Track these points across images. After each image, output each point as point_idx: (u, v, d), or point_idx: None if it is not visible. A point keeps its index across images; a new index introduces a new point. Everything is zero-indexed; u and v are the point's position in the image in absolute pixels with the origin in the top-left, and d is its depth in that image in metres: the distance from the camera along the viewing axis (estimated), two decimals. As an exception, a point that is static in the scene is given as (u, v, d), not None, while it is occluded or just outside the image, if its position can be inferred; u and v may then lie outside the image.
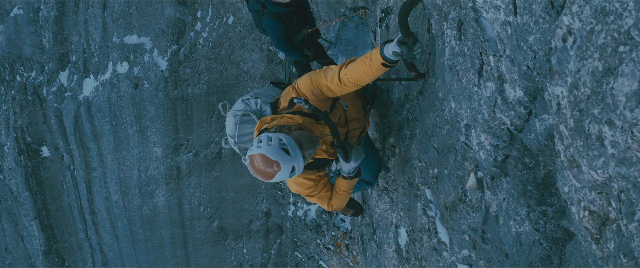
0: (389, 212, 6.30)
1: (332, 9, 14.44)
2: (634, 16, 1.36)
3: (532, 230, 2.71)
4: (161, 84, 21.36)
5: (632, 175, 1.54)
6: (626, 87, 1.44)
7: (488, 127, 2.76)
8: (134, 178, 24.11)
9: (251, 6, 7.78)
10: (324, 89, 3.89)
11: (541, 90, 2.19)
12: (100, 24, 21.49)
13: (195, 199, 24.40)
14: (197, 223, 25.04)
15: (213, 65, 21.30)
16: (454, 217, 4.06)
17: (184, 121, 22.41)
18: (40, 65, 22.32)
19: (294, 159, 3.49)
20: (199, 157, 23.28)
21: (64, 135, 23.66)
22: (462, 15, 2.70)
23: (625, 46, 1.43)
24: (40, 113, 23.13)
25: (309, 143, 3.68)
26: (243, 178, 23.19)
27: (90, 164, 24.39)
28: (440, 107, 3.89)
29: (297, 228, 14.93)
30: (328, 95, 3.97)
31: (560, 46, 1.80)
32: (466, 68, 2.82)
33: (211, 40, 20.98)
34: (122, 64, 21.76)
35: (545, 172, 2.49)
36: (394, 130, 5.57)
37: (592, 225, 1.92)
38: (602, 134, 1.62)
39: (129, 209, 25.08)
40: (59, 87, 22.57)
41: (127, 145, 23.43)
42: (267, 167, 3.47)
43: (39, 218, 25.51)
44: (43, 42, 21.99)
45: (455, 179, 3.86)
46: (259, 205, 23.98)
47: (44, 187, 24.96)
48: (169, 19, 20.75)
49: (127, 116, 22.52)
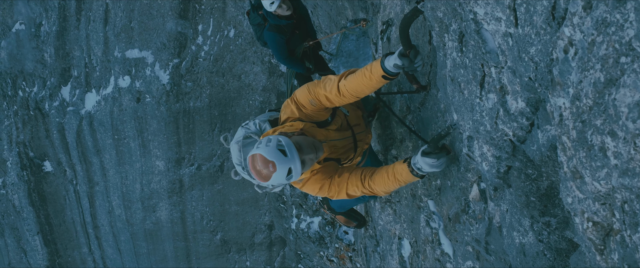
0: (392, 223, 6.29)
1: (333, 21, 14.48)
2: (635, 27, 1.36)
3: (536, 241, 2.71)
4: (163, 98, 21.41)
5: (635, 186, 1.54)
6: (628, 98, 1.44)
7: (490, 139, 2.76)
8: (136, 192, 24.14)
9: (252, 19, 7.79)
10: (322, 99, 3.89)
11: (543, 102, 2.20)
12: (101, 39, 21.58)
13: (198, 212, 24.41)
14: (200, 236, 25.04)
15: (215, 78, 21.36)
16: (458, 229, 4.06)
17: (186, 134, 22.45)
18: (42, 80, 22.40)
19: (291, 161, 3.48)
20: (201, 170, 23.31)
21: (67, 150, 23.70)
22: (463, 27, 2.71)
23: (626, 57, 1.43)
24: (42, 128, 23.19)
25: (310, 148, 3.67)
26: (246, 191, 23.21)
27: (92, 178, 24.42)
28: (442, 118, 3.89)
29: (300, 240, 14.90)
30: (326, 105, 3.97)
31: (562, 57, 1.80)
32: (468, 80, 2.83)
33: (212, 54, 21.05)
34: (124, 78, 21.83)
35: (549, 183, 2.48)
36: (396, 142, 5.57)
37: (596, 236, 1.91)
38: (605, 145, 1.62)
39: (131, 223, 25.09)
40: (61, 101, 22.64)
41: (129, 159, 23.46)
42: (264, 168, 3.47)
43: (41, 233, 25.52)
44: (45, 57, 22.07)
45: (458, 191, 3.85)
46: (261, 218, 23.99)
47: (47, 201, 24.99)
48: (170, 32, 20.82)
49: (129, 130, 22.57)
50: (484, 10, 2.34)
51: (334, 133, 4.20)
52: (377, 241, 7.36)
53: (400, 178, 3.67)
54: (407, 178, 3.65)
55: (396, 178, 3.69)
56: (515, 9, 2.11)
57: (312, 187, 4.03)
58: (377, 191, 3.85)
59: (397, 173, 3.68)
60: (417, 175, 3.58)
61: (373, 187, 3.82)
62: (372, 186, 3.83)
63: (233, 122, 21.14)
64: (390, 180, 3.71)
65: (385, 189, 3.81)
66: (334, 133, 4.20)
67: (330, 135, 4.14)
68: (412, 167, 3.53)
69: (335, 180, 3.98)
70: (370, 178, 3.85)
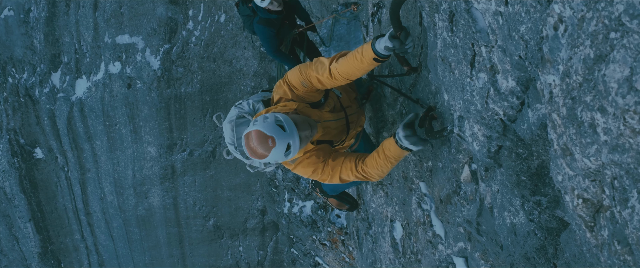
0: (384, 206, 6.31)
1: (324, 5, 14.43)
2: (624, 2, 1.36)
3: (527, 221, 2.72)
4: (154, 84, 21.32)
5: (625, 162, 1.54)
6: (618, 73, 1.44)
7: (481, 118, 2.76)
8: (128, 178, 24.08)
9: (241, 10, 7.77)
10: (314, 81, 3.88)
11: (533, 80, 2.19)
12: (91, 24, 21.43)
13: (191, 198, 24.38)
14: (192, 222, 25.03)
15: (206, 63, 21.28)
16: (449, 210, 4.07)
17: (178, 120, 22.38)
18: (32, 67, 22.26)
19: (290, 136, 3.49)
20: (193, 156, 23.26)
21: (58, 137, 23.60)
22: (453, 7, 2.70)
23: (616, 33, 1.43)
24: (33, 114, 23.07)
25: (305, 125, 3.67)
26: (238, 177, 23.19)
27: (84, 165, 24.34)
28: (433, 99, 3.89)
29: (292, 225, 14.95)
30: (318, 87, 3.97)
31: (552, 35, 1.80)
32: (458, 59, 2.82)
33: (203, 39, 20.95)
34: (115, 64, 21.71)
35: (539, 162, 2.49)
36: (387, 124, 5.57)
37: (586, 213, 1.92)
38: (595, 121, 1.62)
39: (124, 209, 25.05)
40: (51, 88, 22.51)
41: (121, 146, 23.38)
42: (262, 143, 3.46)
43: (33, 220, 25.45)
44: (34, 43, 21.92)
45: (450, 172, 3.86)
46: (254, 203, 23.99)
47: (38, 188, 24.90)
48: (160, 18, 20.70)
49: (121, 116, 22.47)
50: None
51: (327, 114, 4.21)
52: (369, 224, 7.38)
53: (389, 154, 3.67)
54: (396, 152, 3.66)
55: (386, 155, 3.69)
56: (505, -13, 2.11)
57: (304, 169, 4.03)
58: (370, 174, 3.85)
59: (385, 150, 3.69)
60: (405, 148, 3.59)
61: (366, 170, 3.83)
62: (365, 169, 3.83)
63: (225, 107, 21.07)
64: (381, 159, 3.72)
65: (378, 171, 3.81)
66: (327, 114, 4.21)
67: (324, 115, 4.14)
68: (398, 139, 3.54)
69: (330, 163, 3.99)
70: (363, 162, 3.86)
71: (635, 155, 1.48)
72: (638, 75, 1.36)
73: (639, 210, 1.54)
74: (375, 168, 3.80)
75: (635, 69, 1.36)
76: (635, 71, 1.36)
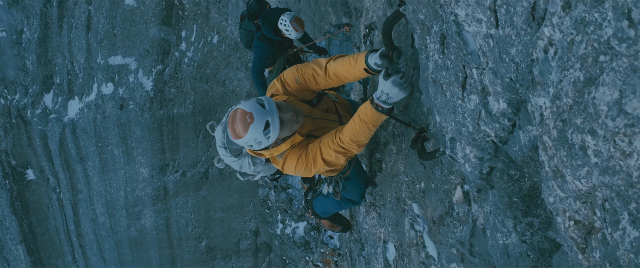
0: (376, 227, 6.30)
1: (317, 26, 14.51)
2: (613, 26, 1.37)
3: (519, 242, 2.72)
4: (147, 105, 21.33)
5: (615, 184, 1.55)
6: (607, 96, 1.45)
7: (473, 140, 2.77)
8: (120, 199, 24.02)
9: (245, 25, 7.85)
10: (308, 77, 3.93)
11: (524, 102, 2.21)
12: (84, 46, 21.47)
13: (183, 219, 24.32)
14: (185, 243, 24.94)
15: (198, 84, 21.32)
16: (442, 231, 4.07)
17: (170, 141, 22.38)
18: (24, 88, 22.24)
19: (269, 113, 3.52)
20: (186, 176, 23.23)
21: (49, 158, 23.54)
22: (444, 29, 2.72)
23: (605, 56, 1.44)
24: (24, 136, 23.02)
25: (289, 109, 3.69)
26: (231, 198, 23.17)
27: (76, 186, 24.26)
28: (425, 121, 3.90)
29: (285, 246, 14.88)
30: (311, 86, 4.00)
31: (542, 57, 1.81)
32: (450, 81, 2.84)
33: (196, 60, 21.01)
34: (107, 85, 21.74)
35: (531, 183, 2.50)
36: (380, 146, 5.58)
37: (578, 234, 1.92)
38: (585, 143, 1.63)
39: (116, 231, 24.95)
40: (43, 109, 22.49)
41: (113, 167, 23.34)
42: (242, 120, 3.52)
43: (25, 242, 25.31)
44: (27, 64, 21.93)
45: (442, 193, 3.86)
46: (247, 224, 23.94)
47: (30, 210, 24.79)
48: (153, 39, 20.76)
49: (113, 137, 22.46)
50: (465, 11, 2.35)
51: (320, 112, 4.25)
52: (362, 245, 7.36)
53: (365, 119, 3.54)
54: (372, 116, 3.54)
55: (361, 120, 3.58)
56: (495, 10, 2.12)
57: (291, 162, 3.99)
58: (346, 142, 3.73)
59: (361, 113, 3.58)
60: (382, 111, 3.50)
61: (342, 138, 3.73)
62: (342, 138, 3.73)
63: (217, 128, 20.99)
64: (356, 124, 3.61)
65: (355, 137, 3.67)
66: (320, 112, 4.25)
67: (315, 112, 4.18)
68: (377, 102, 3.47)
69: (310, 146, 3.95)
70: (340, 131, 3.81)
71: (626, 177, 1.48)
72: (627, 98, 1.37)
73: (630, 232, 1.55)
74: (350, 132, 3.69)
75: (625, 91, 1.37)
76: (625, 94, 1.37)
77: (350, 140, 3.70)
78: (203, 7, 20.54)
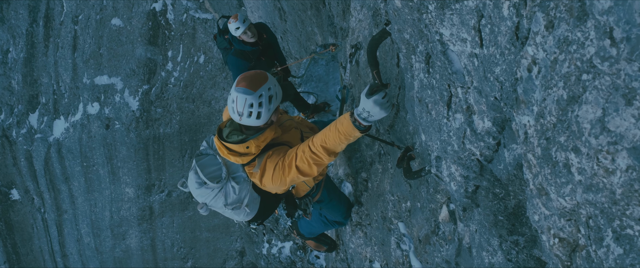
0: (363, 246, 6.28)
1: (303, 46, 14.54)
2: (595, 45, 1.39)
3: (505, 261, 2.72)
4: (132, 124, 21.25)
5: (599, 201, 1.55)
6: (590, 114, 1.46)
7: (458, 159, 2.78)
8: (106, 219, 23.84)
9: (219, 43, 7.81)
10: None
11: (509, 121, 2.22)
12: (70, 65, 21.41)
13: (169, 239, 24.15)
14: (170, 264, 24.75)
15: (185, 104, 21.28)
16: (428, 250, 4.06)
17: (156, 161, 22.28)
18: (10, 108, 22.13)
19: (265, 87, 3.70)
20: (171, 197, 23.11)
21: (34, 178, 23.37)
22: (429, 49, 2.73)
23: (588, 74, 1.45)
24: (9, 155, 22.85)
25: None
26: (217, 217, 23.04)
27: (61, 206, 24.08)
28: (411, 140, 3.91)
29: (271, 266, 14.81)
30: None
31: (526, 76, 1.83)
32: (435, 100, 2.85)
33: (182, 80, 20.99)
34: (93, 104, 21.65)
35: (516, 202, 2.50)
36: (366, 165, 5.58)
37: (563, 252, 1.93)
38: (569, 161, 1.64)
39: (101, 251, 24.73)
40: (28, 129, 22.37)
41: (98, 187, 23.19)
42: (257, 77, 3.71)
43: (8, 262, 25.03)
44: (12, 84, 21.83)
45: (428, 212, 3.87)
46: (233, 244, 23.80)
47: (14, 230, 24.55)
48: (139, 59, 20.74)
49: (99, 157, 22.34)
50: (450, 31, 2.37)
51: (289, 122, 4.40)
52: (349, 264, 7.33)
53: (340, 128, 3.49)
54: (348, 128, 3.48)
55: (337, 128, 3.53)
56: (480, 30, 2.14)
57: (269, 170, 3.95)
58: (317, 146, 3.69)
59: (338, 122, 3.53)
60: (358, 127, 3.42)
61: (314, 141, 3.69)
62: (314, 141, 3.69)
63: (203, 147, 20.96)
64: (331, 131, 3.58)
65: (326, 142, 3.62)
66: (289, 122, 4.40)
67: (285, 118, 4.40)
68: (356, 116, 3.38)
69: (288, 153, 3.91)
70: (314, 136, 3.76)
71: (609, 195, 1.49)
72: (610, 115, 1.38)
73: (614, 249, 1.55)
74: (320, 137, 3.66)
75: (607, 109, 1.38)
76: (607, 112, 1.39)
77: (321, 145, 3.65)
78: (189, 27, 20.57)
